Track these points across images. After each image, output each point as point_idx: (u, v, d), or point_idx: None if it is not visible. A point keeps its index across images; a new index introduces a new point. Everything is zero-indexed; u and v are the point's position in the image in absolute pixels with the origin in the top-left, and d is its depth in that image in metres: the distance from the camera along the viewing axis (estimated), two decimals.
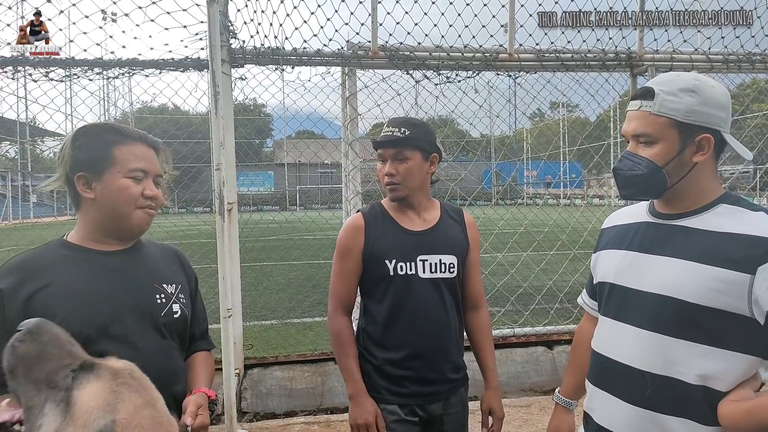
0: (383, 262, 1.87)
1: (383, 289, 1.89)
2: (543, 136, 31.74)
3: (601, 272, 1.48)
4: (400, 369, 1.88)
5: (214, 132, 3.40)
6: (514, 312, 5.73)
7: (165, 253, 1.57)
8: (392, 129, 1.88)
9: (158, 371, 1.32)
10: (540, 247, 5.88)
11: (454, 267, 1.92)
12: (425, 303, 1.87)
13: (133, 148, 1.39)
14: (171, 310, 1.44)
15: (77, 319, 1.26)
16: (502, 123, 27.97)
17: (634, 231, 1.41)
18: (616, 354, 1.35)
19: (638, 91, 1.33)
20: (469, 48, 4.19)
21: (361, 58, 3.99)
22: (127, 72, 3.75)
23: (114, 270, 1.38)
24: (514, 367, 4.48)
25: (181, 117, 32.93)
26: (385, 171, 1.89)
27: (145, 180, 1.40)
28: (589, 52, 4.33)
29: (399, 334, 1.87)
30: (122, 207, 1.37)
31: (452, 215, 2.03)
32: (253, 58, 3.81)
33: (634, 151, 1.31)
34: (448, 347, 1.92)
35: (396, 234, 1.91)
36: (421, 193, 1.96)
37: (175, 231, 14.34)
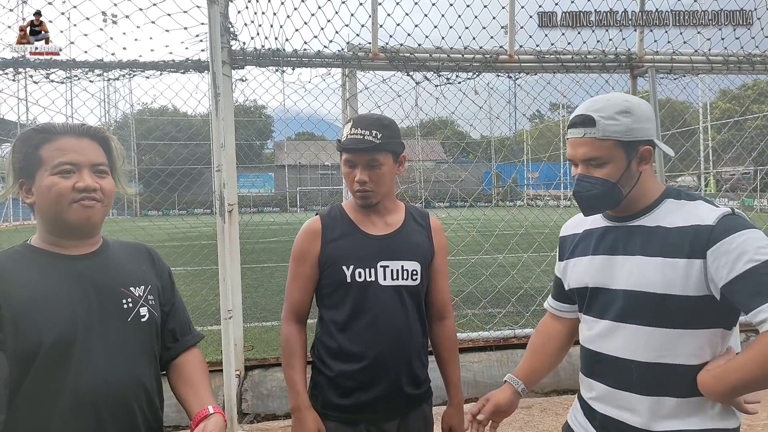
0: (340, 267, 1.76)
1: (340, 297, 1.78)
2: (543, 137, 31.77)
3: (575, 278, 1.60)
4: (353, 381, 1.76)
5: (215, 133, 3.40)
6: (515, 313, 5.73)
7: (133, 252, 1.53)
8: (362, 132, 1.72)
9: (119, 377, 1.33)
10: (541, 248, 5.88)
11: (417, 274, 1.80)
12: (385, 312, 1.75)
13: (58, 143, 1.32)
14: (138, 315, 1.41)
15: (47, 326, 1.24)
16: (502, 124, 28.01)
17: (596, 236, 1.56)
18: (604, 348, 1.49)
19: (576, 119, 1.45)
20: (469, 49, 4.20)
21: (362, 60, 4.00)
22: (128, 74, 3.76)
23: (79, 275, 1.35)
24: (515, 369, 4.47)
25: (181, 119, 32.99)
26: (357, 178, 1.74)
27: (77, 173, 1.32)
28: (589, 54, 4.34)
29: (355, 344, 1.75)
30: (54, 205, 1.31)
31: (417, 219, 1.91)
32: (253, 59, 3.81)
33: (587, 173, 1.45)
34: (409, 359, 1.80)
35: (355, 238, 1.80)
36: (388, 196, 1.85)
37: (175, 232, 14.37)
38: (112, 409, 1.31)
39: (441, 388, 1.98)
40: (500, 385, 1.79)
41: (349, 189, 1.80)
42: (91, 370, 1.28)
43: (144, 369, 1.42)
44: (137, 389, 1.38)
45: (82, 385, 1.27)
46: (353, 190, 1.77)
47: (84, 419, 1.27)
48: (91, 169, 1.35)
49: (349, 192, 1.83)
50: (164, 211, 28.02)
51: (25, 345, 1.21)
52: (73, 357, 1.27)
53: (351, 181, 1.77)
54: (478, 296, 5.58)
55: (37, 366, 1.22)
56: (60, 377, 1.25)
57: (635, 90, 4.65)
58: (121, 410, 1.33)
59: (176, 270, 10.54)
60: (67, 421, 1.25)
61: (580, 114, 1.44)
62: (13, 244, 1.42)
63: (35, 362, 1.22)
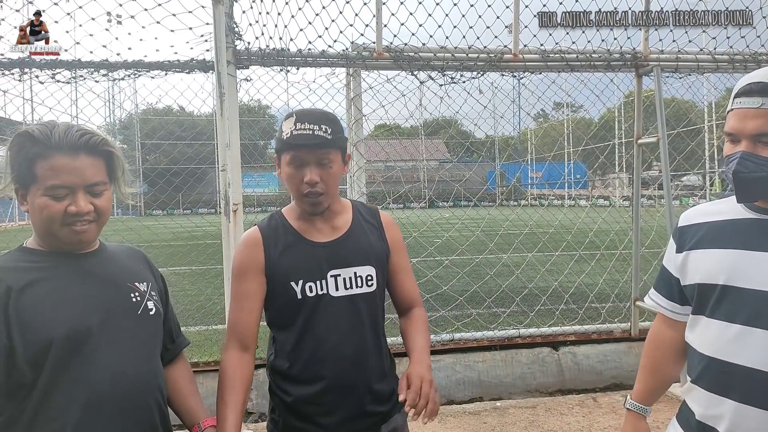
0: (288, 285, 1.58)
1: (290, 316, 1.60)
2: (547, 136, 31.70)
3: (700, 273, 1.38)
4: (313, 405, 1.60)
5: (220, 133, 3.42)
6: (519, 313, 5.73)
7: (130, 253, 1.54)
8: (311, 126, 1.53)
9: (139, 371, 1.34)
10: (545, 247, 5.88)
11: (372, 279, 1.64)
12: (338, 325, 1.59)
13: (52, 162, 1.25)
14: (146, 308, 1.42)
15: (58, 322, 1.24)
16: (506, 124, 27.98)
17: (733, 229, 1.34)
18: (742, 358, 1.26)
19: (752, 86, 1.22)
20: (473, 49, 4.20)
21: (366, 59, 4.00)
22: (133, 74, 3.77)
23: (87, 272, 1.35)
24: (519, 368, 4.47)
25: (186, 119, 33.06)
26: (307, 179, 1.54)
27: (71, 195, 1.27)
28: (593, 53, 4.33)
29: (309, 365, 1.59)
30: (46, 225, 1.29)
31: (366, 217, 1.74)
32: (258, 59, 3.82)
33: (753, 151, 1.23)
34: (368, 375, 1.63)
35: (300, 249, 1.62)
36: (335, 197, 1.66)
37: (180, 232, 14.40)
38: (132, 403, 1.32)
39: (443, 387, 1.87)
40: (504, 385, 1.72)
41: (294, 193, 1.60)
42: (110, 365, 1.29)
43: (158, 362, 1.44)
44: (154, 382, 1.40)
45: (101, 380, 1.27)
46: (301, 193, 1.57)
47: (106, 414, 1.27)
48: (86, 190, 1.29)
49: (294, 199, 1.64)
50: (168, 211, 28.10)
51: (36, 344, 1.21)
52: (88, 352, 1.26)
53: (297, 184, 1.57)
54: (482, 296, 5.57)
55: (50, 364, 1.22)
56: (76, 373, 1.25)
57: (640, 89, 4.64)
58: (141, 403, 1.34)
59: (181, 269, 10.63)
60: (90, 417, 1.25)
61: (757, 81, 1.22)
62: (20, 242, 1.42)
63: (48, 360, 1.22)
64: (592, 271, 6.04)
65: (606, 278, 6.02)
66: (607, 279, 6.11)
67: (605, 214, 6.33)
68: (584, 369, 4.55)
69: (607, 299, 5.73)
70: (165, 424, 1.44)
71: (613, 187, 25.08)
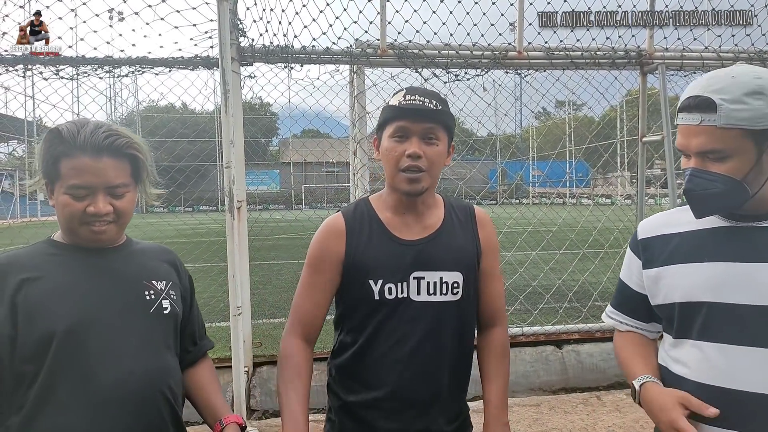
0: (366, 282, 1.45)
1: (363, 316, 1.48)
2: (549, 134, 31.65)
3: (680, 291, 1.26)
4: (374, 410, 1.48)
5: (225, 130, 3.41)
6: (522, 311, 5.72)
7: (156, 251, 1.54)
8: (421, 99, 1.42)
9: (148, 370, 1.33)
10: (549, 246, 5.86)
11: (458, 287, 1.49)
12: (416, 334, 1.45)
13: (75, 162, 1.27)
14: (160, 306, 1.41)
15: (61, 317, 1.25)
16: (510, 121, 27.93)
17: (706, 239, 1.26)
18: (740, 383, 1.16)
19: (690, 101, 1.16)
20: (478, 46, 4.19)
21: (370, 57, 3.99)
22: (137, 70, 3.76)
23: (102, 267, 1.36)
24: (523, 367, 4.47)
25: (188, 116, 33.08)
26: (411, 150, 1.40)
27: (91, 196, 1.29)
28: (598, 50, 4.31)
29: (375, 369, 1.47)
30: (67, 222, 1.32)
31: (459, 215, 1.58)
32: (262, 56, 3.81)
33: (703, 167, 1.17)
34: (440, 391, 1.49)
35: (385, 245, 1.48)
36: (432, 187, 1.52)
37: (184, 229, 14.42)
38: (139, 401, 1.30)
39: None
40: (509, 384, 1.59)
41: (391, 170, 1.45)
42: (116, 362, 1.28)
43: (169, 361, 1.42)
44: (164, 381, 1.38)
45: (106, 376, 1.26)
46: (399, 167, 1.43)
47: (111, 411, 1.26)
48: (106, 192, 1.31)
49: (389, 178, 1.48)
50: (171, 208, 28.10)
51: (39, 336, 1.22)
52: (93, 347, 1.26)
53: (397, 158, 1.43)
54: None
55: (51, 357, 1.22)
56: (81, 368, 1.24)
57: (645, 87, 4.62)
58: (149, 402, 1.33)
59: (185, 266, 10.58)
60: (94, 413, 1.24)
61: (694, 95, 1.16)
62: (24, 238, 1.43)
63: (49, 353, 1.22)
64: (596, 270, 6.03)
65: (610, 276, 6.00)
66: (611, 277, 6.09)
67: (609, 212, 6.31)
68: (588, 367, 4.54)
69: (610, 298, 5.71)
70: (177, 423, 1.42)
71: (615, 186, 25.02)
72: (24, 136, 26.82)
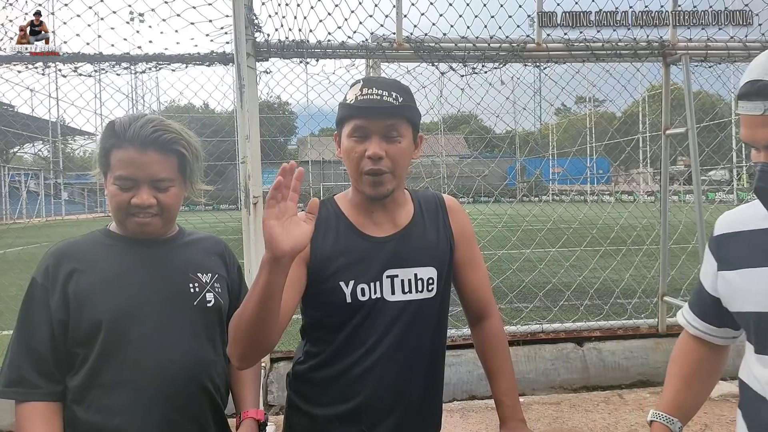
0: (337, 285, 1.33)
1: (335, 321, 1.36)
2: (570, 129, 31.28)
3: (754, 299, 1.11)
4: (347, 424, 1.36)
5: (240, 125, 3.40)
6: (542, 308, 5.64)
7: (205, 243, 1.57)
8: (379, 92, 1.30)
9: (187, 360, 1.37)
10: (569, 242, 5.77)
11: (433, 283, 1.40)
12: (390, 337, 1.35)
13: (123, 154, 1.33)
14: (204, 299, 1.44)
15: (109, 305, 1.31)
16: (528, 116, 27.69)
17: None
18: None
19: (749, 87, 1.01)
20: (495, 39, 4.11)
21: (386, 50, 3.95)
22: (155, 67, 3.78)
23: (149, 259, 1.41)
24: (543, 364, 4.39)
25: (206, 115, 33.41)
26: (370, 152, 1.30)
27: (136, 188, 1.34)
28: (620, 41, 4.21)
29: (348, 377, 1.35)
30: (115, 213, 1.38)
31: (428, 207, 1.49)
32: (277, 51, 3.79)
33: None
34: (417, 390, 1.41)
35: (354, 243, 1.38)
36: (400, 185, 1.41)
37: (203, 226, 14.56)
38: (178, 390, 1.35)
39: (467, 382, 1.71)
40: (527, 381, 1.57)
41: (353, 172, 1.35)
42: (157, 351, 1.33)
43: (210, 354, 1.44)
44: (205, 372, 1.41)
45: (147, 364, 1.32)
46: (360, 171, 1.32)
47: (150, 398, 1.31)
48: (150, 185, 1.34)
49: (352, 180, 1.39)
50: (191, 207, 28.41)
51: (88, 324, 1.30)
52: (136, 336, 1.32)
53: (358, 159, 1.32)
54: (504, 290, 5.50)
55: (100, 344, 1.29)
56: (124, 356, 1.31)
57: (668, 78, 4.51)
58: (188, 391, 1.37)
59: None
60: (135, 399, 1.30)
61: (754, 80, 1.00)
62: (45, 237, 1.47)
63: (98, 341, 1.29)
64: (617, 266, 5.91)
65: (632, 273, 5.89)
66: (633, 274, 5.98)
67: (631, 208, 6.19)
68: (610, 365, 4.45)
69: (633, 295, 5.61)
70: (217, 413, 1.46)
71: (637, 183, 24.64)
72: (48, 137, 27.38)
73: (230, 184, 30.27)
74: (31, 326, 1.31)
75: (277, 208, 1.07)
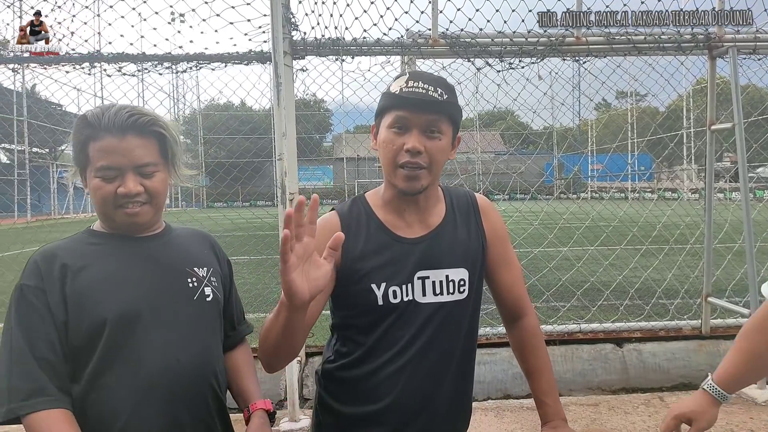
0: (368, 286, 1.32)
1: (366, 323, 1.35)
2: (610, 125, 30.50)
3: None
4: (373, 426, 1.35)
5: (277, 123, 3.45)
6: (579, 307, 5.52)
7: (195, 237, 1.53)
8: (425, 86, 1.27)
9: (192, 358, 1.33)
10: (608, 240, 5.63)
11: (465, 284, 1.38)
12: (421, 339, 1.34)
13: (101, 143, 1.27)
14: (203, 294, 1.40)
15: (113, 303, 1.26)
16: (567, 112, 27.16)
17: None
18: None
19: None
20: (533, 33, 4.04)
21: (421, 47, 3.94)
22: (195, 66, 3.87)
23: (146, 255, 1.36)
24: (580, 365, 4.31)
25: (244, 113, 34.02)
26: (410, 145, 1.27)
27: (120, 177, 1.27)
28: (663, 34, 4.08)
29: (379, 378, 1.34)
30: (101, 207, 1.31)
31: (460, 207, 1.47)
32: (314, 49, 3.83)
33: None
34: (447, 399, 1.39)
35: (385, 244, 1.35)
36: (434, 184, 1.40)
37: (240, 222, 14.84)
38: (185, 388, 1.31)
39: (502, 381, 1.72)
40: (564, 381, 1.57)
41: (388, 165, 1.32)
42: (162, 349, 1.29)
43: (214, 350, 1.42)
44: (209, 368, 1.38)
45: (152, 363, 1.27)
46: (396, 163, 1.30)
47: (157, 397, 1.27)
48: (135, 172, 1.29)
49: (386, 174, 1.36)
50: (229, 203, 29.07)
51: (91, 324, 1.24)
52: (140, 335, 1.27)
53: (395, 151, 1.30)
54: (540, 289, 5.41)
55: (103, 344, 1.24)
56: (128, 355, 1.26)
57: (714, 72, 4.34)
58: (194, 389, 1.33)
59: (240, 258, 10.92)
60: (141, 400, 1.26)
61: None
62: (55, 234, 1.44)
63: (101, 340, 1.24)
64: (659, 266, 5.76)
65: (675, 273, 5.71)
66: (676, 274, 5.80)
67: (674, 206, 6.00)
68: (650, 367, 4.34)
69: (675, 295, 5.45)
70: (221, 411, 1.42)
71: (680, 180, 23.85)
72: None
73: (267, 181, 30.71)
74: (34, 335, 1.21)
75: (293, 257, 1.00)
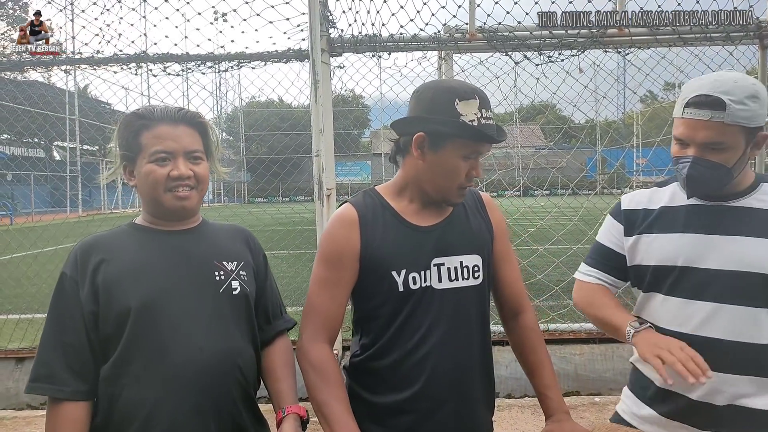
0: (389, 274, 1.37)
1: (388, 311, 1.40)
2: (656, 118, 29.51)
3: (656, 255, 1.51)
4: (404, 414, 1.40)
5: (314, 119, 3.51)
6: None
7: (229, 232, 1.57)
8: (491, 114, 1.36)
9: (215, 348, 1.36)
10: None
11: (479, 270, 1.44)
12: (442, 324, 1.38)
13: (155, 131, 1.38)
14: (230, 287, 1.43)
15: (136, 294, 1.31)
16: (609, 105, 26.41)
17: (683, 214, 1.50)
18: (695, 329, 1.43)
19: (701, 99, 1.36)
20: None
21: (458, 41, 3.92)
22: (236, 65, 3.97)
23: (175, 247, 1.42)
24: (621, 364, 4.21)
25: (284, 110, 34.53)
26: (478, 172, 1.40)
27: (172, 161, 1.38)
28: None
29: (403, 367, 1.39)
30: (152, 192, 1.39)
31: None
32: (351, 46, 3.87)
33: (702, 156, 1.40)
34: (473, 384, 1.44)
35: (402, 232, 1.41)
36: None
37: (279, 217, 15.10)
38: (208, 378, 1.33)
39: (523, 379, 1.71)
40: (604, 380, 1.64)
41: (449, 186, 1.39)
42: (185, 339, 1.33)
43: (239, 341, 1.43)
44: (233, 360, 1.39)
45: (175, 353, 1.31)
46: (461, 186, 1.40)
47: (181, 387, 1.31)
48: (186, 156, 1.39)
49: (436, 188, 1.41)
50: (269, 198, 29.60)
51: (117, 313, 1.30)
52: (163, 323, 1.32)
53: (462, 176, 1.37)
54: None
55: (128, 332, 1.30)
56: (153, 344, 1.31)
57: (765, 62, 4.16)
58: (218, 380, 1.35)
59: (279, 252, 11.12)
60: (166, 388, 1.30)
61: (705, 94, 1.36)
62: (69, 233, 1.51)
63: (127, 328, 1.30)
64: None
65: None
66: None
67: None
68: None
69: None
70: (248, 401, 1.45)
71: None
72: None
73: (306, 176, 31.16)
74: (64, 320, 1.31)
75: None
